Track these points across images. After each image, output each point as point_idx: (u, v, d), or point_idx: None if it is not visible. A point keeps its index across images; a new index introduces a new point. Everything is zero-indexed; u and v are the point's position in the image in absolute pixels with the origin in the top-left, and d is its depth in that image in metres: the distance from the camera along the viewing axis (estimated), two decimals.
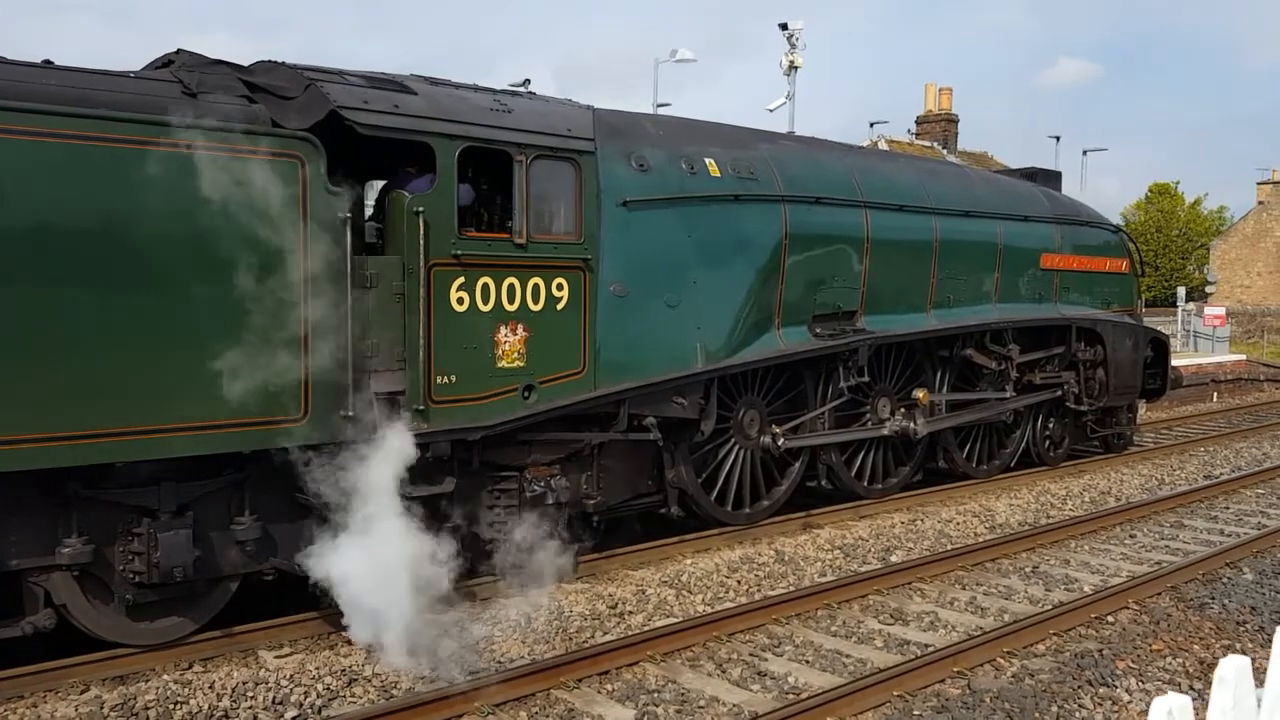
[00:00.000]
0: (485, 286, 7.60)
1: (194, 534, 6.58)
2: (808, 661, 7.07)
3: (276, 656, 6.88)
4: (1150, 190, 66.13)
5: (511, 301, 7.76)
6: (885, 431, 11.25)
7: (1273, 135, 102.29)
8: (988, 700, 6.40)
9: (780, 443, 10.05)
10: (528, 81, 8.76)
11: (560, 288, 8.04)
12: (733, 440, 9.91)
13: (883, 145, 29.93)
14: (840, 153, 11.29)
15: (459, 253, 7.42)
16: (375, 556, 6.81)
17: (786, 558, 9.30)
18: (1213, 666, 7.04)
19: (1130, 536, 10.75)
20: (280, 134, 6.62)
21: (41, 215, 5.79)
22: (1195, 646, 7.42)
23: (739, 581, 8.63)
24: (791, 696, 6.43)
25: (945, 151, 32.54)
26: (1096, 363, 14.04)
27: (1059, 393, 13.62)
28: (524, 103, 8.26)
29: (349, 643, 7.05)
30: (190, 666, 6.67)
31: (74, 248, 5.89)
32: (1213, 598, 8.53)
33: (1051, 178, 15.06)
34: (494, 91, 8.25)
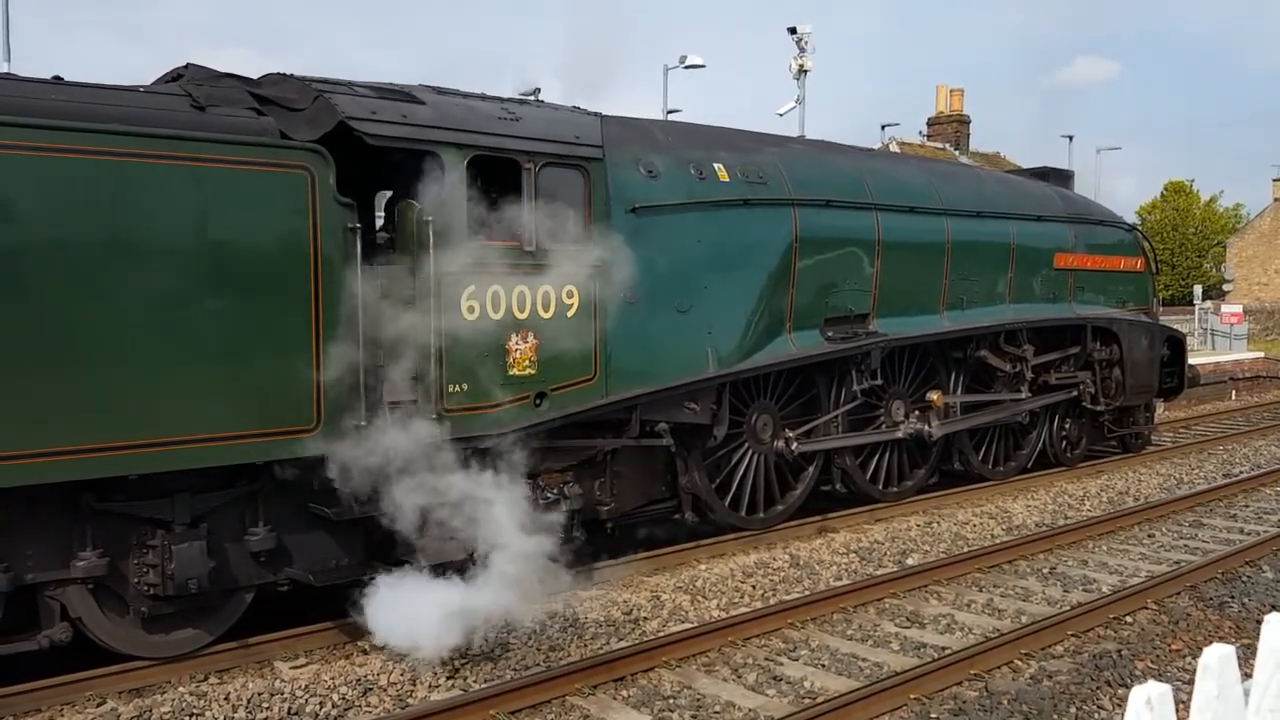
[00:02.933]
0: (495, 294, 7.60)
1: (208, 545, 6.59)
2: (824, 666, 7.03)
3: (292, 667, 6.89)
4: (1165, 188, 65.82)
5: (522, 309, 7.76)
6: (900, 434, 11.21)
7: None
8: (1005, 702, 6.35)
9: (794, 447, 10.03)
10: (538, 90, 8.79)
11: (570, 295, 8.03)
12: (746, 445, 9.89)
13: (894, 147, 29.88)
14: (850, 155, 11.28)
15: (468, 261, 7.43)
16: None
17: (801, 562, 9.26)
18: None
19: (1149, 536, 10.68)
20: (289, 146, 6.65)
21: (54, 230, 5.82)
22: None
23: (754, 586, 8.60)
24: (808, 701, 6.40)
25: (957, 153, 32.47)
26: (1113, 362, 13.96)
27: (1075, 393, 13.55)
28: (532, 111, 8.27)
29: (365, 652, 7.07)
30: (206, 678, 6.68)
31: (86, 262, 5.92)
32: (1232, 596, 8.46)
33: (1064, 177, 15.01)
34: (502, 100, 8.26)
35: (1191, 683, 6.67)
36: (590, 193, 8.18)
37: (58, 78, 6.27)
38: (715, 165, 9.40)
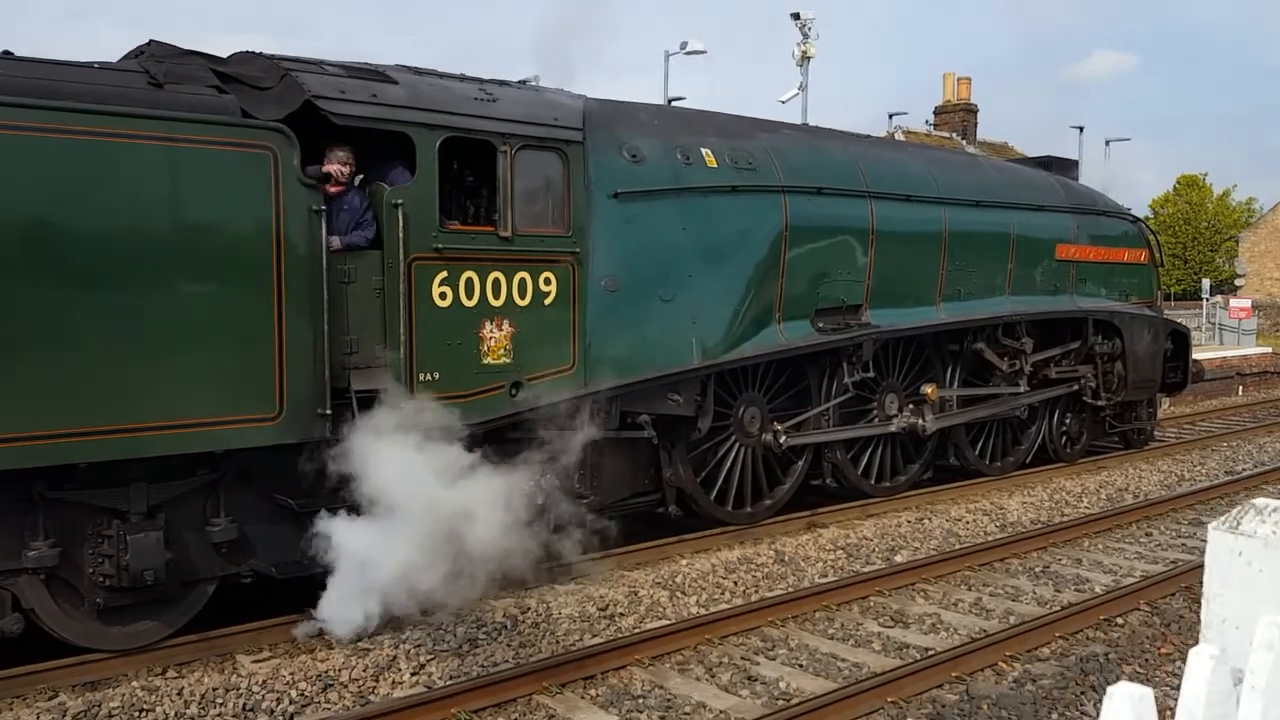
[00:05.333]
0: (469, 281, 7.40)
1: (166, 536, 6.41)
2: (801, 665, 6.82)
3: (254, 661, 6.70)
4: (1178, 182, 65.27)
5: (497, 296, 7.55)
6: (893, 428, 10.97)
7: None
8: (985, 707, 6.14)
9: (782, 440, 9.79)
10: (537, 77, 8.57)
11: (548, 282, 7.83)
12: (733, 438, 9.66)
13: (900, 136, 29.54)
14: (844, 142, 11.00)
15: (440, 246, 7.23)
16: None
17: (787, 558, 9.04)
18: None
19: (1146, 535, 10.44)
20: (250, 125, 6.44)
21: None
22: None
23: (736, 583, 8.39)
24: (781, 703, 6.19)
25: (964, 142, 32.10)
26: (1114, 356, 13.68)
27: (1075, 387, 13.29)
28: (511, 92, 8.06)
29: (330, 646, 6.87)
30: (165, 672, 6.49)
31: (35, 244, 5.72)
32: None
33: (1067, 166, 14.70)
34: (482, 81, 8.05)
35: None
36: (569, 177, 7.96)
37: (7, 53, 6.07)
38: (703, 150, 9.16)
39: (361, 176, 7.65)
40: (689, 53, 23.89)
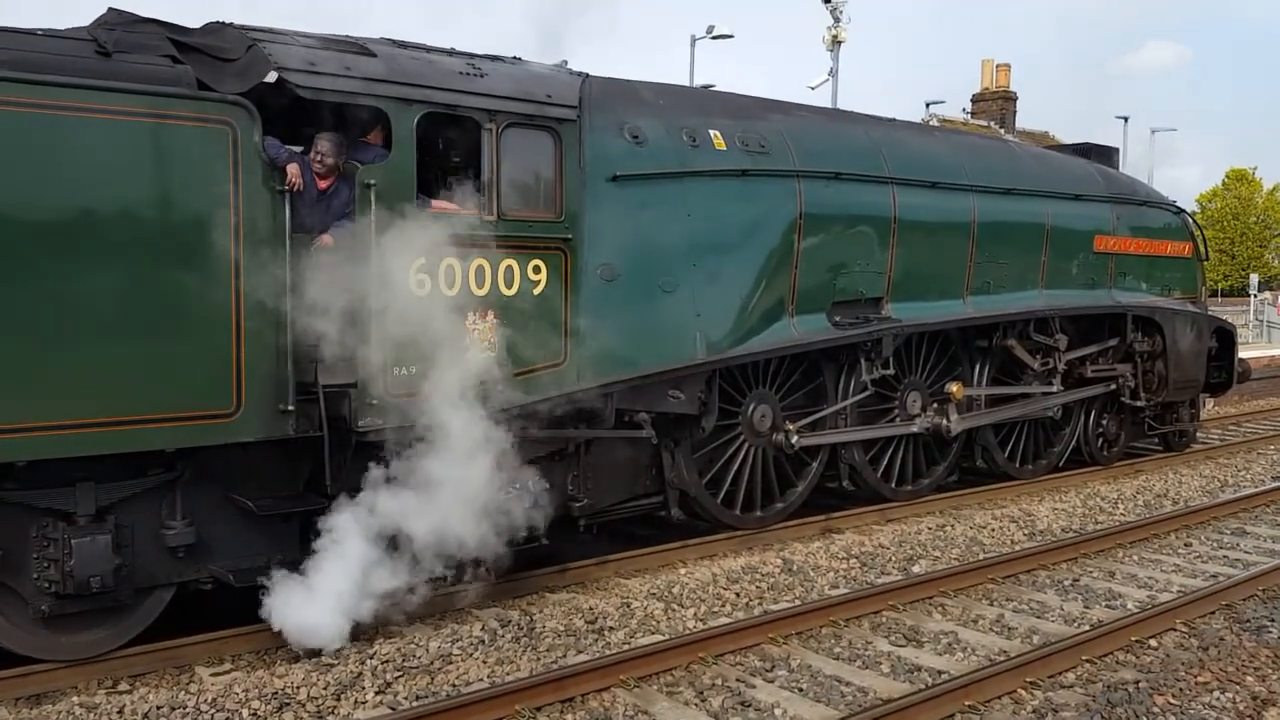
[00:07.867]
0: (449, 268, 6.90)
1: (116, 540, 5.97)
2: (801, 689, 6.26)
3: (213, 674, 6.26)
4: (1227, 176, 63.68)
5: (480, 285, 7.05)
6: (915, 429, 10.37)
7: None
8: None
9: (794, 440, 9.22)
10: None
11: (537, 270, 7.31)
12: (742, 437, 9.11)
13: (935, 124, 28.78)
14: (865, 125, 10.37)
15: (418, 230, 6.72)
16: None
17: (795, 567, 8.48)
18: (1268, 702, 6.16)
19: (1185, 545, 9.75)
20: (206, 98, 5.97)
21: None
22: (1248, 678, 6.48)
23: (738, 594, 7.84)
24: None
25: (1002, 130, 31.23)
26: (1155, 354, 12.96)
27: (1113, 387, 12.59)
28: (502, 68, 7.55)
29: (294, 659, 6.41)
30: (116, 685, 6.07)
31: None
32: (1273, 619, 7.55)
33: (1107, 154, 13.97)
34: (472, 56, 7.55)
35: None
36: (562, 158, 7.44)
37: None
38: (711, 132, 8.61)
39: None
40: (715, 37, 23.30)
